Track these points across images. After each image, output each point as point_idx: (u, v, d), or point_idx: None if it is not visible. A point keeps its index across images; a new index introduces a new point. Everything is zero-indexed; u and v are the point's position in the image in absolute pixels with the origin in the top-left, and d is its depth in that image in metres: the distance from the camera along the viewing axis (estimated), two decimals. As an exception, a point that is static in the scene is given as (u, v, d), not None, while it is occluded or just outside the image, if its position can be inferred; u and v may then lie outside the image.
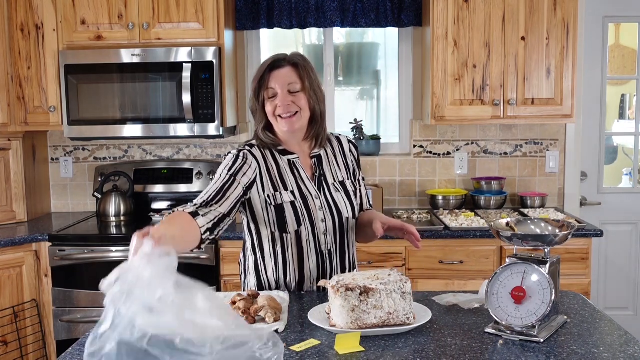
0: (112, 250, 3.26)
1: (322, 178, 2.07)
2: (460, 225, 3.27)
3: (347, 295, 1.64)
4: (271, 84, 1.97)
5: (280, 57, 2.01)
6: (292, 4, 3.70)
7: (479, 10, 3.39)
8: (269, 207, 2.00)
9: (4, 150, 3.58)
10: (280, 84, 1.96)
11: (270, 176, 2.01)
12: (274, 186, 2.01)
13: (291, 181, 2.02)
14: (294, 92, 1.97)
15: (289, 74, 1.97)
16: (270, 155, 2.04)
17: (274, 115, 1.98)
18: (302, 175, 2.04)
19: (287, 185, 2.01)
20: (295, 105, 1.97)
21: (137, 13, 3.41)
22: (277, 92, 1.97)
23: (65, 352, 1.63)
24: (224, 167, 1.98)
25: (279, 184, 2.01)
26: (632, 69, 4.09)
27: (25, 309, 3.29)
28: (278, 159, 2.04)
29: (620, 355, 1.53)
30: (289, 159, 2.05)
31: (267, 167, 2.02)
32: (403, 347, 1.58)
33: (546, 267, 1.63)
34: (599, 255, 4.00)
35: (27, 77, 3.54)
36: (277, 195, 2.00)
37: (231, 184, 1.93)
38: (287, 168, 2.04)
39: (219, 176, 1.96)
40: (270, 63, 1.98)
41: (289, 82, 1.97)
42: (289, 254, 2.04)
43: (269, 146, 2.04)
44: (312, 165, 2.08)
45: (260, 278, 2.10)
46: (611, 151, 4.21)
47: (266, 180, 2.00)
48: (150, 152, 3.95)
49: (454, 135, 3.85)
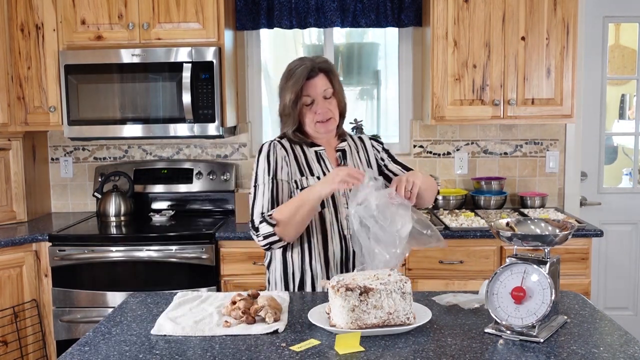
0: (112, 250, 3.26)
1: None
2: (460, 225, 3.27)
3: (347, 295, 1.64)
4: (308, 92, 2.12)
5: (309, 65, 2.12)
6: (292, 4, 3.70)
7: (479, 10, 3.39)
8: (294, 192, 2.12)
9: (4, 150, 3.58)
10: (316, 93, 2.12)
11: (298, 163, 2.17)
12: (300, 171, 2.15)
13: (317, 168, 2.17)
14: (328, 97, 2.14)
15: (322, 81, 2.13)
16: (299, 146, 2.20)
17: (313, 122, 2.14)
18: (327, 165, 2.19)
19: (313, 172, 2.16)
20: (330, 111, 2.14)
21: (137, 13, 3.41)
22: (313, 100, 2.13)
23: (65, 352, 1.63)
24: (263, 171, 2.13)
25: (306, 170, 2.16)
26: (632, 69, 4.08)
27: (25, 309, 3.29)
28: (305, 150, 2.20)
29: (620, 355, 1.53)
30: (316, 150, 2.21)
31: (295, 155, 2.18)
32: (403, 347, 1.59)
33: (546, 267, 1.63)
34: (599, 255, 4.00)
35: (27, 77, 3.54)
36: (303, 179, 2.14)
37: (277, 186, 2.11)
38: (314, 158, 2.19)
39: (262, 184, 2.11)
40: (307, 73, 2.11)
41: (324, 89, 2.13)
42: (314, 237, 2.12)
43: (299, 143, 2.20)
44: (337, 158, 2.23)
45: (285, 262, 2.16)
46: (611, 151, 4.21)
47: (294, 167, 2.15)
48: (150, 152, 3.95)
49: (454, 135, 3.85)
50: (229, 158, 3.93)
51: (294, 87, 2.09)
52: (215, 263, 3.25)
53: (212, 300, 1.99)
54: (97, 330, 1.77)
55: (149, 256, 3.24)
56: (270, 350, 1.59)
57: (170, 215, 3.73)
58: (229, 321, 1.76)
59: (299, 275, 2.14)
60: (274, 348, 1.60)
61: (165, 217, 3.70)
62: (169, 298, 2.04)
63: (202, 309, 1.90)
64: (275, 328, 1.71)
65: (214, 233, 3.26)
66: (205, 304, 1.95)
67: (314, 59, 2.15)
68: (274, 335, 1.69)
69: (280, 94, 2.17)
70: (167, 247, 3.24)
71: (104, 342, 1.68)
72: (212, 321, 1.79)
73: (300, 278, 2.15)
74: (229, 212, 3.79)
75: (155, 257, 3.24)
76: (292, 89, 2.10)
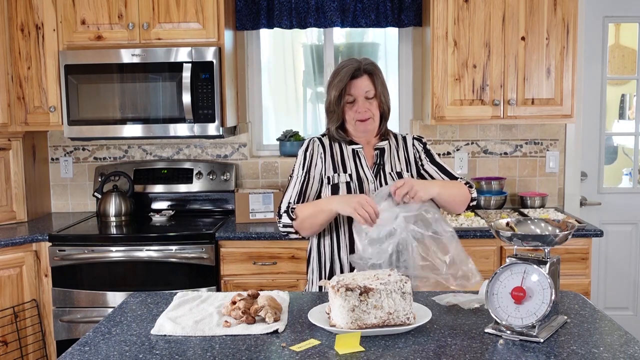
0: (112, 250, 3.26)
1: (381, 167, 2.27)
2: (460, 225, 3.27)
3: (347, 295, 1.64)
4: (351, 91, 2.21)
5: (355, 65, 2.21)
6: (292, 4, 3.70)
7: (479, 10, 3.39)
8: (326, 187, 2.24)
9: (4, 150, 3.58)
10: (359, 93, 2.21)
11: (333, 160, 2.27)
12: (334, 168, 2.25)
13: (351, 166, 2.26)
14: (370, 98, 2.22)
15: (365, 82, 2.22)
16: (338, 145, 2.30)
17: (354, 120, 2.22)
18: (362, 163, 2.27)
19: (346, 169, 2.25)
20: (370, 111, 2.22)
21: (137, 13, 3.41)
22: (355, 99, 2.21)
23: (65, 352, 1.63)
24: (299, 164, 2.28)
25: (339, 167, 2.26)
26: (632, 69, 4.08)
27: (25, 309, 3.29)
28: (343, 148, 2.29)
29: (620, 355, 1.53)
30: (353, 148, 2.29)
31: (332, 153, 2.28)
32: (403, 347, 1.59)
33: (546, 267, 1.63)
34: (599, 255, 4.00)
35: (27, 77, 3.54)
36: (336, 176, 2.24)
37: (307, 181, 2.25)
38: (350, 156, 2.28)
39: (296, 176, 2.27)
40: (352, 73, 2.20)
41: (366, 89, 2.21)
42: (342, 230, 2.21)
43: (339, 140, 2.29)
44: (374, 156, 2.29)
45: (320, 252, 2.28)
46: (611, 151, 4.21)
47: (329, 164, 2.26)
48: (150, 152, 3.95)
49: (454, 135, 3.85)
50: (229, 158, 3.93)
51: (338, 85, 2.20)
52: (215, 263, 3.25)
53: (212, 300, 1.99)
54: (97, 330, 1.77)
55: (149, 256, 3.24)
56: (270, 350, 1.59)
57: (170, 215, 3.73)
58: (229, 321, 1.76)
59: (329, 265, 2.24)
60: (274, 348, 1.60)
61: (165, 217, 3.70)
62: (169, 298, 2.04)
63: (202, 309, 1.90)
64: (275, 328, 1.71)
65: (214, 233, 3.26)
66: (205, 304, 1.95)
67: (361, 60, 2.24)
68: (274, 335, 1.69)
69: (328, 91, 2.26)
70: (167, 247, 3.24)
71: (104, 342, 1.68)
72: (212, 321, 1.79)
73: (330, 267, 2.24)
74: (229, 212, 3.79)
75: (155, 257, 3.24)
76: (337, 86, 2.20)
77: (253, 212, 3.47)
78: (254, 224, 3.44)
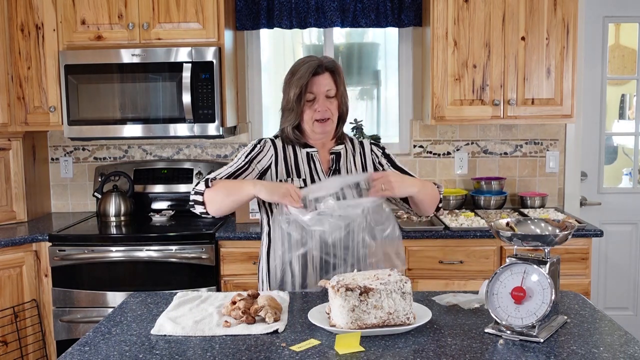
0: (112, 250, 3.26)
1: (337, 173, 2.19)
2: (460, 225, 3.27)
3: (347, 295, 1.64)
4: (312, 89, 2.11)
5: (316, 62, 2.12)
6: (292, 4, 3.70)
7: (479, 10, 3.39)
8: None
9: (4, 150, 3.58)
10: (320, 90, 2.12)
11: (286, 164, 2.17)
12: (287, 172, 2.16)
13: (305, 171, 2.16)
14: (330, 97, 2.13)
15: (327, 80, 2.13)
16: (291, 147, 2.19)
17: (312, 120, 2.13)
18: (317, 168, 2.18)
19: (300, 174, 2.16)
20: (330, 111, 2.13)
21: (137, 13, 3.41)
22: (316, 97, 2.12)
23: (65, 352, 1.63)
24: (243, 153, 2.16)
25: (293, 172, 2.16)
26: (632, 69, 4.09)
27: (25, 309, 3.29)
28: (297, 151, 2.19)
29: (620, 355, 1.53)
30: (308, 152, 2.19)
31: (285, 156, 2.18)
32: (403, 347, 1.59)
33: (546, 267, 1.63)
34: (599, 255, 4.00)
35: (27, 77, 3.54)
36: (289, 180, 2.14)
37: (245, 169, 2.12)
38: (305, 159, 2.18)
39: (237, 160, 2.14)
40: (313, 70, 2.10)
41: (327, 87, 2.12)
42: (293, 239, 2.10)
43: (293, 142, 2.19)
44: (330, 161, 2.21)
45: (269, 263, 2.19)
46: (611, 151, 4.21)
47: (280, 167, 2.16)
48: (150, 152, 3.95)
49: (454, 135, 3.85)
50: (229, 158, 3.93)
51: (299, 82, 2.10)
52: (215, 263, 3.25)
53: (212, 300, 1.99)
54: (97, 330, 1.77)
55: (149, 256, 3.24)
56: (270, 350, 1.59)
57: (170, 215, 3.73)
58: (229, 321, 1.76)
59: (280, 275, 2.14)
60: (274, 348, 1.60)
61: (165, 217, 3.70)
62: (169, 298, 2.04)
63: (202, 309, 1.90)
64: (275, 328, 1.71)
65: (214, 233, 3.26)
66: (205, 304, 1.95)
67: (321, 58, 2.16)
68: (274, 335, 1.69)
69: (285, 89, 2.16)
70: (167, 247, 3.24)
71: (104, 342, 1.68)
72: (212, 321, 1.79)
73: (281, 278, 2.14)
74: (229, 212, 3.78)
75: (155, 257, 3.24)
76: (296, 83, 2.10)
77: (253, 212, 3.47)
78: (254, 224, 3.44)
